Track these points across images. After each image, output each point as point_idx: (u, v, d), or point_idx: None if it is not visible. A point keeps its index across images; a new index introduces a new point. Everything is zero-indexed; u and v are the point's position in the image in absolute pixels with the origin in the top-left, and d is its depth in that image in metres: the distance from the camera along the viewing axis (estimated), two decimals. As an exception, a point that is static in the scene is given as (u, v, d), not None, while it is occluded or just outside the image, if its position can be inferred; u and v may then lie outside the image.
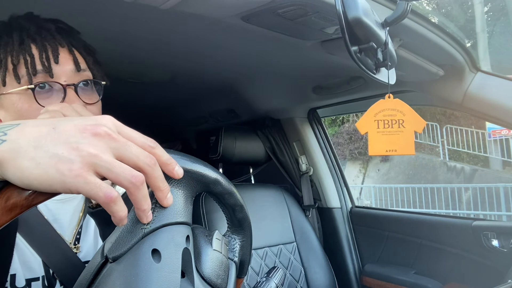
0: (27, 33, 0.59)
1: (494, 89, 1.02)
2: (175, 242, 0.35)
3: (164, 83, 1.50)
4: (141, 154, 0.32)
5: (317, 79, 1.44)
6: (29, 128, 0.31)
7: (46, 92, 0.58)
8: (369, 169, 9.62)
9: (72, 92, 0.59)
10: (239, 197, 0.44)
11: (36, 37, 0.58)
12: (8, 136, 0.30)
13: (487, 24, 8.35)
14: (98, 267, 0.33)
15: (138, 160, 0.32)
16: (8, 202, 0.29)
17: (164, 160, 0.34)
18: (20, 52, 0.57)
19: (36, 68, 0.56)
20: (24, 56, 0.57)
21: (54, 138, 0.30)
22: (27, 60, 0.56)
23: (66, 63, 0.60)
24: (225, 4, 0.71)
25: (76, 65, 0.60)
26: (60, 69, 0.59)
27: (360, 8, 0.59)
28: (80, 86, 0.61)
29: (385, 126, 0.74)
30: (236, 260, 0.46)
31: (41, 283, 0.61)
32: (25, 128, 0.31)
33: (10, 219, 0.29)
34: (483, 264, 1.23)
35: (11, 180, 0.29)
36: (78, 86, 0.60)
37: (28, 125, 0.31)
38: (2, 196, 0.29)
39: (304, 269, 1.59)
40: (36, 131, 0.31)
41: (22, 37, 0.58)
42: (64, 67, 0.59)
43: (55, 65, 0.58)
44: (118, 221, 0.31)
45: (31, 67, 0.56)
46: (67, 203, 0.67)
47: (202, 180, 0.39)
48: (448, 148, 8.49)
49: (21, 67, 0.57)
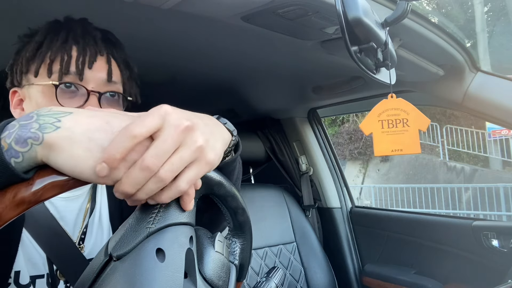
0: (73, 34, 0.61)
1: (494, 89, 1.02)
2: (179, 242, 0.35)
3: (164, 83, 1.50)
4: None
5: (317, 79, 1.44)
6: (83, 118, 0.32)
7: (70, 93, 0.59)
8: (369, 169, 9.62)
9: (95, 99, 0.60)
10: (241, 200, 0.45)
11: (80, 40, 0.61)
12: (62, 123, 0.31)
13: (487, 24, 8.35)
14: (102, 265, 0.33)
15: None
16: (16, 198, 0.29)
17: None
18: (60, 50, 0.59)
19: (70, 68, 0.59)
20: (62, 55, 0.59)
21: (108, 134, 0.31)
22: (64, 59, 0.59)
23: (100, 71, 0.61)
24: (225, 4, 0.71)
25: (109, 75, 0.62)
26: (92, 75, 0.60)
27: (360, 8, 0.59)
28: (106, 95, 0.62)
29: (389, 126, 0.74)
30: (236, 263, 0.46)
31: (45, 280, 0.61)
32: (79, 117, 0.32)
33: (17, 214, 0.30)
34: (483, 264, 1.23)
35: (59, 166, 0.30)
36: (103, 95, 0.61)
37: (82, 115, 0.32)
38: (10, 191, 0.29)
39: (304, 269, 1.59)
40: (90, 122, 0.31)
41: (67, 37, 0.61)
42: (96, 74, 0.61)
43: (88, 70, 0.60)
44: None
45: (65, 66, 0.58)
46: (73, 201, 0.67)
47: (206, 182, 0.39)
48: (448, 148, 8.49)
49: (56, 63, 0.59)
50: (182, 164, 0.32)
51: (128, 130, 0.30)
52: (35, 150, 0.30)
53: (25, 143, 0.29)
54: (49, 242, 0.61)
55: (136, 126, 0.30)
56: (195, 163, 0.34)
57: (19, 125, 0.30)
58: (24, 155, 0.29)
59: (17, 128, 0.30)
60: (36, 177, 0.31)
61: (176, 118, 0.32)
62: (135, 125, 0.30)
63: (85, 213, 0.68)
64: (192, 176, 0.33)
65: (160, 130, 0.31)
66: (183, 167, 0.33)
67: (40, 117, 0.31)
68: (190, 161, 0.33)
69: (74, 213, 0.67)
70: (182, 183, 0.33)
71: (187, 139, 0.33)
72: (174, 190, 0.33)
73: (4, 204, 0.29)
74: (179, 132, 0.32)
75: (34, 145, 0.29)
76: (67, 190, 0.32)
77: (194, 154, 0.33)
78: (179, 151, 0.32)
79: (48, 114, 0.31)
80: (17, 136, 0.29)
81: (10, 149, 0.29)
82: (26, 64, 0.61)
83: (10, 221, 0.30)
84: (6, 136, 0.29)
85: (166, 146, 0.31)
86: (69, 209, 0.66)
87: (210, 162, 0.35)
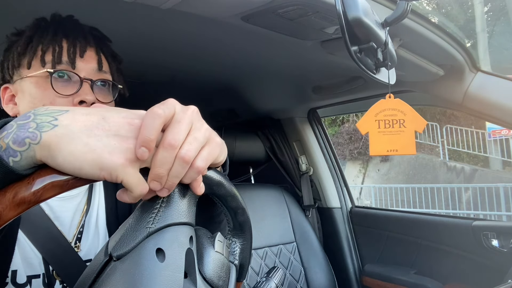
0: (62, 29, 0.64)
1: (494, 89, 1.02)
2: (179, 242, 0.35)
3: (164, 83, 1.50)
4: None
5: (317, 79, 1.44)
6: (79, 115, 0.33)
7: (64, 81, 0.62)
8: (369, 169, 9.62)
9: (88, 87, 0.63)
10: (241, 200, 0.45)
11: (69, 34, 0.63)
12: (59, 122, 0.31)
13: (487, 24, 8.35)
14: (101, 265, 0.33)
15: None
16: (16, 197, 0.29)
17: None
18: (51, 42, 0.62)
19: (62, 58, 0.61)
20: (54, 46, 0.62)
21: (105, 129, 0.32)
22: (56, 50, 0.61)
23: (90, 61, 0.64)
24: (225, 4, 0.71)
25: (99, 65, 0.65)
26: (83, 64, 0.63)
27: (360, 8, 0.59)
28: (97, 84, 0.65)
29: (386, 126, 0.74)
30: (236, 263, 0.46)
31: (41, 280, 0.61)
32: (75, 115, 0.33)
33: (17, 214, 0.30)
34: (483, 264, 1.23)
35: (58, 164, 0.31)
36: (95, 83, 0.64)
37: (78, 113, 0.33)
38: (10, 191, 0.30)
39: (304, 269, 1.59)
40: (87, 119, 0.32)
41: (56, 31, 0.64)
42: (87, 64, 0.64)
43: (79, 60, 0.63)
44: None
45: (57, 56, 0.61)
46: (68, 201, 0.67)
47: (206, 181, 0.39)
48: (448, 148, 8.49)
49: (48, 54, 0.61)
50: (198, 143, 0.35)
51: (153, 112, 0.33)
52: (33, 149, 0.30)
53: (23, 142, 0.30)
54: (44, 243, 0.61)
55: (159, 109, 0.33)
56: (206, 145, 0.37)
57: (17, 125, 0.31)
58: (23, 154, 0.30)
59: (15, 128, 0.30)
60: (36, 177, 0.31)
61: (183, 107, 0.36)
62: (158, 108, 0.33)
63: (82, 213, 0.68)
64: (206, 154, 0.36)
65: (173, 115, 0.34)
66: (200, 146, 0.35)
67: (37, 116, 0.32)
68: (204, 143, 0.36)
69: (69, 213, 0.67)
70: (200, 161, 0.36)
71: (196, 123, 0.36)
72: (194, 170, 0.35)
73: (4, 204, 0.29)
74: (189, 114, 0.35)
75: (32, 144, 0.30)
76: (67, 190, 0.32)
77: (204, 135, 0.36)
78: (191, 133, 0.35)
79: (45, 113, 0.32)
80: (15, 136, 0.30)
81: (8, 149, 0.29)
82: (17, 59, 0.63)
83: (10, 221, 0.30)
84: (4, 136, 0.30)
85: (181, 126, 0.34)
86: (65, 209, 0.66)
87: (219, 143, 0.39)
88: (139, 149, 0.32)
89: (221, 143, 0.41)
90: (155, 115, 0.33)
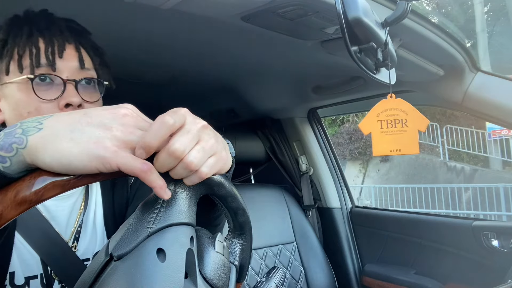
0: (37, 27, 0.60)
1: (494, 89, 1.02)
2: (180, 242, 0.35)
3: (164, 83, 1.50)
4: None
5: (317, 79, 1.44)
6: (63, 116, 0.34)
7: (46, 85, 0.58)
8: (369, 169, 9.62)
9: (72, 88, 0.60)
10: (242, 201, 0.44)
11: (45, 32, 0.60)
12: (44, 125, 0.33)
13: (487, 24, 8.35)
14: (102, 265, 0.33)
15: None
16: (18, 197, 0.30)
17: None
18: (27, 44, 0.58)
19: (40, 60, 0.58)
20: (30, 48, 0.58)
21: (88, 122, 0.33)
22: (33, 52, 0.58)
23: (71, 59, 0.61)
24: (225, 4, 0.71)
25: (81, 63, 0.61)
26: (64, 64, 0.60)
27: (360, 8, 0.59)
28: (81, 83, 0.62)
29: (388, 126, 0.74)
30: (236, 264, 0.46)
31: (39, 281, 0.60)
32: (59, 117, 0.34)
33: (18, 213, 0.30)
34: (483, 264, 1.23)
35: (47, 164, 0.31)
36: (79, 83, 0.61)
37: (62, 115, 0.35)
38: (12, 191, 0.30)
39: (304, 269, 1.59)
40: (70, 117, 0.34)
41: (31, 31, 0.59)
42: (68, 63, 0.60)
43: (59, 60, 0.59)
44: (159, 189, 0.34)
45: (35, 59, 0.57)
46: (64, 200, 0.66)
47: (206, 182, 0.39)
48: (448, 148, 8.49)
49: (25, 58, 0.58)
50: (204, 154, 0.36)
51: (163, 120, 0.33)
52: (22, 154, 0.31)
53: (10, 147, 0.31)
54: (40, 243, 0.60)
55: (170, 118, 0.33)
56: (212, 156, 0.38)
57: (4, 134, 0.32)
58: (12, 159, 0.31)
59: (2, 136, 0.32)
60: (37, 176, 0.31)
61: (194, 118, 0.37)
62: (169, 116, 0.34)
63: (78, 212, 0.67)
64: (212, 162, 0.38)
65: (183, 125, 0.35)
66: (206, 157, 0.37)
67: (23, 123, 0.33)
68: (210, 154, 0.37)
69: (66, 212, 0.65)
70: (205, 168, 0.37)
71: (204, 136, 0.37)
72: (197, 175, 0.37)
73: (5, 204, 0.29)
74: (199, 127, 0.37)
75: (19, 149, 0.31)
76: (68, 190, 0.32)
77: (211, 148, 0.37)
78: (199, 143, 0.36)
79: (31, 120, 0.34)
80: (1, 143, 0.31)
81: None
82: None
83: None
84: None
85: (189, 136, 0.35)
86: (61, 208, 0.65)
87: (224, 158, 0.40)
88: (139, 149, 0.33)
89: (227, 158, 0.41)
90: (164, 123, 0.33)
